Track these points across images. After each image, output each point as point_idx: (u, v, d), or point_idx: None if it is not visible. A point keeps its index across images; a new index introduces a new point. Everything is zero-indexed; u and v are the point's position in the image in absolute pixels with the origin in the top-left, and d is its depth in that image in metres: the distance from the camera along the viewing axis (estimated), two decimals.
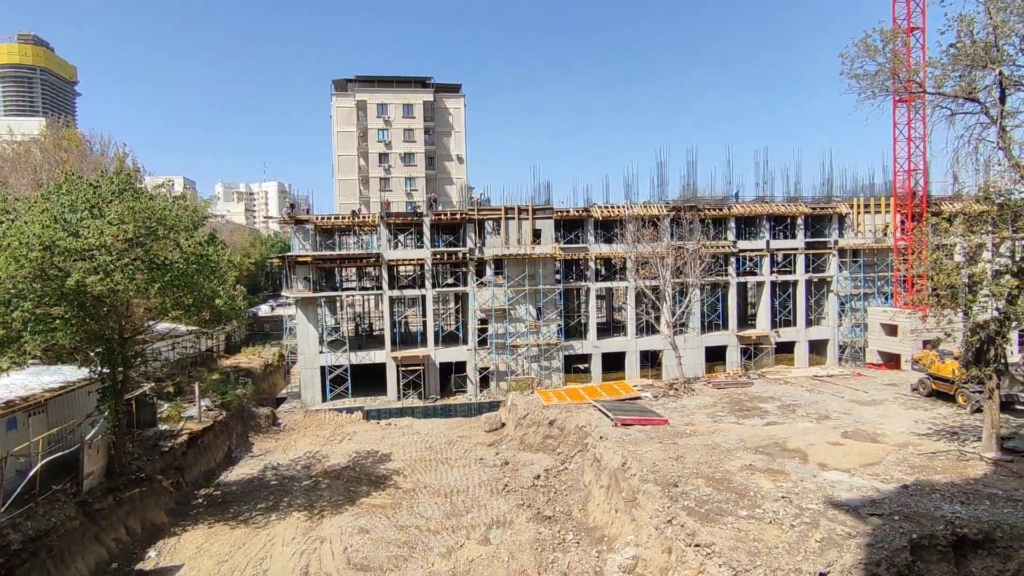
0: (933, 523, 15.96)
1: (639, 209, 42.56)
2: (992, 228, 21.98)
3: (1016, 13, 19.31)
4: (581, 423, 29.43)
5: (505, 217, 41.36)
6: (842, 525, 16.19)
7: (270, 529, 22.35)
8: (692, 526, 16.73)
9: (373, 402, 40.37)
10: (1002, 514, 16.45)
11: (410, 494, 25.73)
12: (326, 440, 34.25)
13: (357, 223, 42.73)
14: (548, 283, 41.93)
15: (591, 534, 21.01)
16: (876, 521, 16.25)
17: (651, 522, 18.21)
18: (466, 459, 30.36)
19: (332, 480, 27.62)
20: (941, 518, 16.21)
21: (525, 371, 41.74)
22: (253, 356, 49.57)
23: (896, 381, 35.90)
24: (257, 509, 24.32)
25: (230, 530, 22.29)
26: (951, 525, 15.85)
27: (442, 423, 37.24)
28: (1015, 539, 15.48)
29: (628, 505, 20.18)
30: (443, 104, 75.49)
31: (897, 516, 16.48)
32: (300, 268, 40.45)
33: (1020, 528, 15.71)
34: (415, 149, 73.22)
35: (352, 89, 72.68)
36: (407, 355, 40.67)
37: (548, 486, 25.87)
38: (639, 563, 17.69)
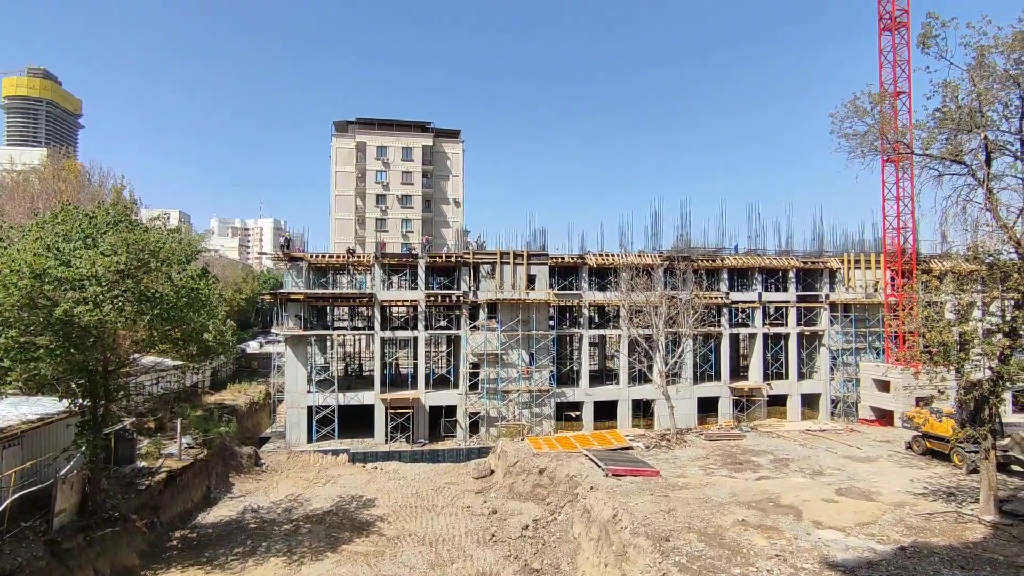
0: None
1: (633, 258, 42.91)
2: (982, 288, 22.19)
3: (998, 81, 20.07)
4: (572, 472, 28.80)
5: (500, 261, 41.54)
6: None
7: (246, 575, 21.44)
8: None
9: (360, 444, 39.49)
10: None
11: (394, 542, 24.85)
12: (310, 483, 33.29)
13: (352, 262, 42.77)
14: (541, 329, 41.80)
15: None
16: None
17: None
18: (453, 507, 29.51)
19: (314, 525, 26.69)
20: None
21: (516, 417, 41.11)
22: (239, 393, 48.69)
23: (890, 438, 35.56)
24: (234, 554, 23.35)
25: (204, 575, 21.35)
26: None
27: (430, 468, 36.36)
28: None
29: (618, 559, 19.52)
30: (442, 148, 76.95)
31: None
32: (292, 305, 40.21)
33: None
34: (412, 191, 74.16)
35: (352, 130, 74.11)
36: (396, 397, 40.05)
37: (536, 537, 25.09)
38: None
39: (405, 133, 74.70)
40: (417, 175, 74.52)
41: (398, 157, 73.96)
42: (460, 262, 41.66)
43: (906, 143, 25.84)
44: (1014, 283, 20.27)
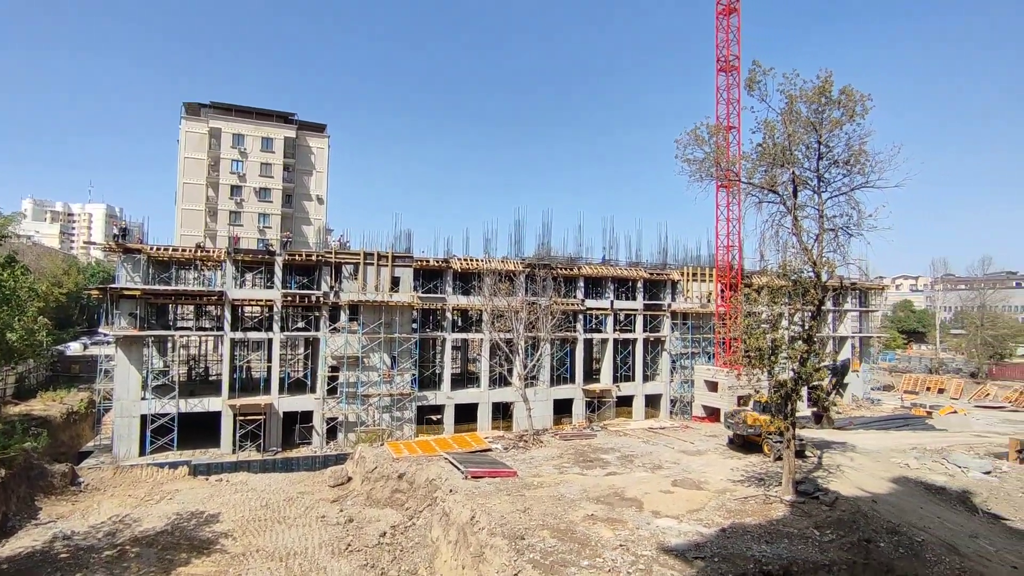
0: (745, 562, 17.80)
1: (497, 264, 44.10)
2: (788, 301, 25.89)
3: (803, 126, 23.63)
4: (431, 476, 28.91)
5: (364, 262, 40.56)
6: (671, 570, 17.44)
7: None
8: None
9: (203, 455, 36.32)
10: (796, 550, 18.84)
11: (239, 559, 23.24)
12: (140, 501, 29.98)
13: (200, 257, 39.20)
14: (404, 332, 41.44)
15: None
16: (700, 564, 17.74)
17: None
18: (307, 517, 28.23)
19: (143, 548, 24.09)
20: (751, 557, 18.14)
21: (376, 422, 40.33)
22: (52, 402, 42.51)
23: (717, 433, 39.98)
24: None
25: None
26: (759, 563, 17.79)
27: (282, 478, 34.41)
28: (807, 572, 17.76)
29: (475, 560, 20.01)
30: (306, 142, 73.34)
31: (717, 558, 18.14)
32: (125, 302, 36.02)
33: (811, 562, 18.08)
34: (272, 185, 69.76)
35: (206, 114, 68.10)
36: (247, 403, 37.43)
37: (395, 544, 24.87)
38: None
39: (266, 122, 70.09)
40: (278, 168, 70.19)
41: (257, 147, 69.15)
42: (322, 261, 40.03)
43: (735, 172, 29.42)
44: (811, 297, 23.96)
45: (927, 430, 45.47)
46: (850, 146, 23.29)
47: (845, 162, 23.61)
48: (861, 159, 23.11)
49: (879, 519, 21.63)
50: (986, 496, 27.91)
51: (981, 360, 76.79)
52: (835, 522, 21.50)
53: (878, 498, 24.87)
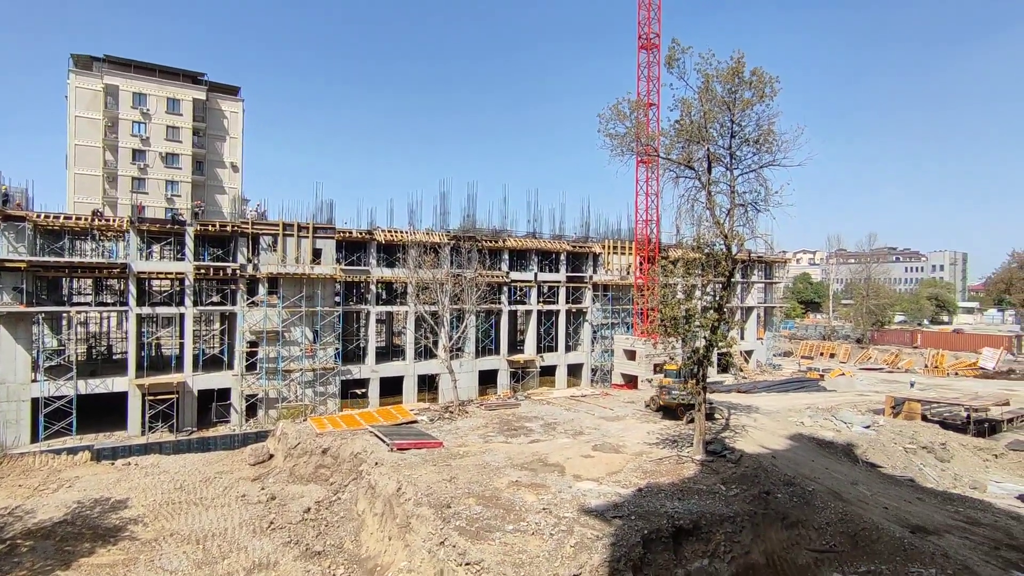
0: (659, 519, 19.04)
1: (422, 236, 43.62)
2: (701, 272, 27.37)
3: (718, 105, 24.72)
4: (356, 450, 28.70)
5: (283, 233, 38.95)
6: (591, 529, 18.39)
7: None
8: (463, 545, 17.46)
9: (107, 439, 34.19)
10: (705, 505, 20.35)
11: (151, 545, 22.28)
12: (34, 491, 27.90)
13: (98, 226, 36.17)
14: (327, 305, 40.39)
15: (363, 565, 20.55)
16: (618, 522, 18.80)
17: (424, 546, 18.51)
18: (225, 497, 27.36)
19: (38, 541, 22.53)
20: (665, 514, 19.42)
21: (299, 397, 39.34)
22: None
23: (635, 399, 41.96)
24: None
25: None
26: (671, 519, 19.08)
27: (198, 458, 33.01)
28: (714, 524, 19.26)
29: (402, 531, 20.24)
30: (218, 105, 68.53)
31: (633, 516, 19.28)
32: (8, 275, 32.84)
33: (717, 515, 19.60)
34: (180, 150, 64.86)
35: (99, 69, 61.93)
36: (156, 382, 35.40)
37: (319, 519, 24.62)
38: None
39: (172, 81, 64.63)
40: (187, 132, 65.19)
41: (162, 108, 63.80)
42: (238, 232, 38.07)
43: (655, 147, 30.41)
44: (722, 269, 25.44)
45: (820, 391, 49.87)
46: (760, 126, 24.64)
47: (755, 141, 24.96)
48: (769, 138, 24.51)
49: (777, 473, 23.65)
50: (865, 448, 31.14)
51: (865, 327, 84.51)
52: (739, 478, 23.32)
53: (777, 454, 27.15)
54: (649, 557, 17.60)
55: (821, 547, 19.36)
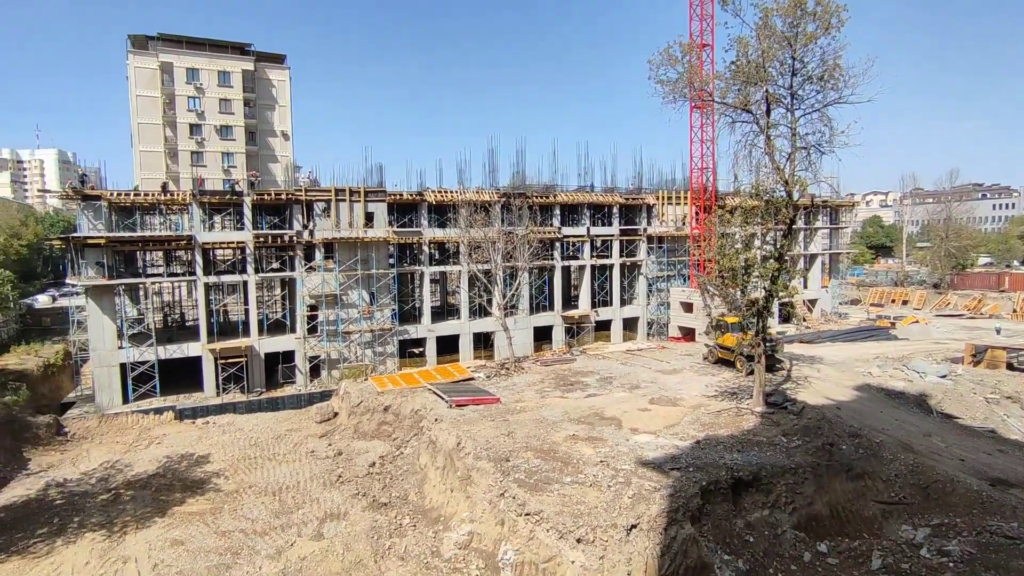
0: (718, 470, 18.90)
1: (472, 195, 43.49)
2: (761, 220, 26.21)
3: (777, 42, 23.08)
4: (416, 407, 29.65)
5: (336, 199, 39.69)
6: (649, 481, 18.46)
7: (55, 556, 19.34)
8: (522, 497, 17.90)
9: (187, 400, 36.60)
10: (765, 457, 20.02)
11: (233, 496, 23.95)
12: (129, 447, 30.37)
13: (164, 201, 37.90)
14: (381, 267, 41.22)
15: (428, 516, 21.44)
16: (676, 474, 18.79)
17: (484, 497, 19.12)
18: (296, 453, 28.97)
19: (137, 491, 24.64)
20: (723, 465, 19.25)
21: (358, 358, 40.76)
22: (27, 356, 41.97)
23: (692, 352, 41.32)
24: (36, 536, 20.84)
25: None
26: (730, 470, 18.91)
27: (269, 417, 35.00)
28: (774, 476, 18.97)
29: (463, 483, 20.92)
30: (266, 75, 69.62)
31: (691, 468, 19.21)
32: (91, 252, 35.01)
33: (778, 466, 19.27)
34: (233, 122, 66.56)
35: (154, 48, 63.75)
36: (227, 346, 37.41)
37: (384, 473, 25.76)
38: (474, 538, 18.51)
39: (221, 55, 65.89)
40: (238, 103, 66.72)
41: (214, 82, 65.37)
42: (292, 200, 39.05)
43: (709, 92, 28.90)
44: (783, 216, 24.26)
45: (890, 340, 47.60)
46: (824, 61, 22.90)
47: (819, 78, 23.27)
48: (835, 74, 22.80)
49: (842, 424, 22.94)
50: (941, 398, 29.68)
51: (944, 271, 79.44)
52: (801, 429, 22.77)
53: (842, 405, 26.28)
54: (708, 508, 17.57)
55: (889, 499, 18.80)
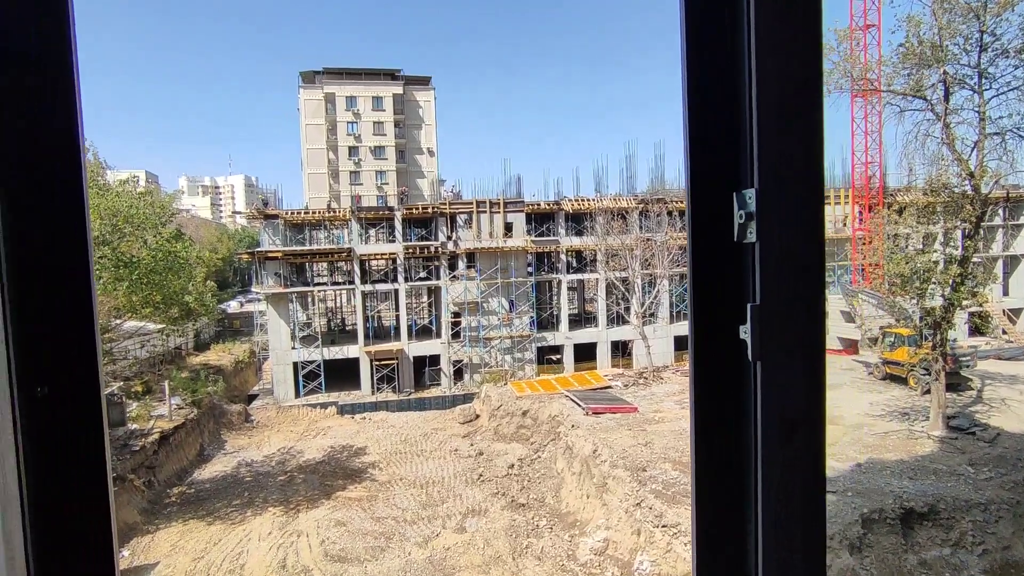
0: (883, 497, 16.96)
1: (609, 202, 43.28)
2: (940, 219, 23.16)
3: (960, 14, 20.35)
4: (553, 412, 30.06)
5: (477, 211, 41.67)
6: None
7: (246, 525, 22.44)
8: (659, 508, 17.46)
9: (347, 397, 40.43)
10: (946, 487, 17.57)
11: (386, 486, 26.03)
12: (300, 436, 34.25)
13: (328, 218, 42.54)
14: (520, 276, 42.44)
15: (564, 519, 21.66)
16: (832, 498, 17.17)
17: (621, 506, 18.92)
18: (441, 451, 30.75)
19: (307, 475, 27.73)
20: (890, 493, 17.22)
21: (499, 363, 42.24)
22: (223, 353, 49.01)
23: (854, 366, 37.36)
24: (232, 506, 24.33)
25: (205, 527, 22.30)
26: (899, 499, 16.86)
27: (417, 416, 37.54)
28: (957, 510, 16.59)
29: (599, 490, 20.87)
30: (413, 97, 75.10)
31: (850, 492, 17.44)
32: (270, 264, 40.15)
33: (962, 499, 16.83)
34: (385, 142, 72.70)
35: (320, 81, 71.75)
36: (380, 349, 40.79)
37: (522, 475, 26.45)
38: (610, 545, 18.38)
39: (375, 82, 72.50)
40: (389, 125, 72.84)
41: (368, 107, 72.04)
42: (437, 213, 41.72)
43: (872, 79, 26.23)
44: (967, 214, 21.25)
45: None
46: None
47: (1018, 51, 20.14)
48: None
49: None
50: None
51: None
52: (995, 459, 19.66)
53: None
54: (870, 538, 15.82)
55: None
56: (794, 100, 1.23)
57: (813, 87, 1.23)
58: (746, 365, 1.31)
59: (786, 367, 1.27)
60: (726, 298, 1.32)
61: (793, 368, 1.27)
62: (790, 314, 1.26)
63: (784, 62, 1.22)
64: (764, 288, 1.25)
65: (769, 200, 1.22)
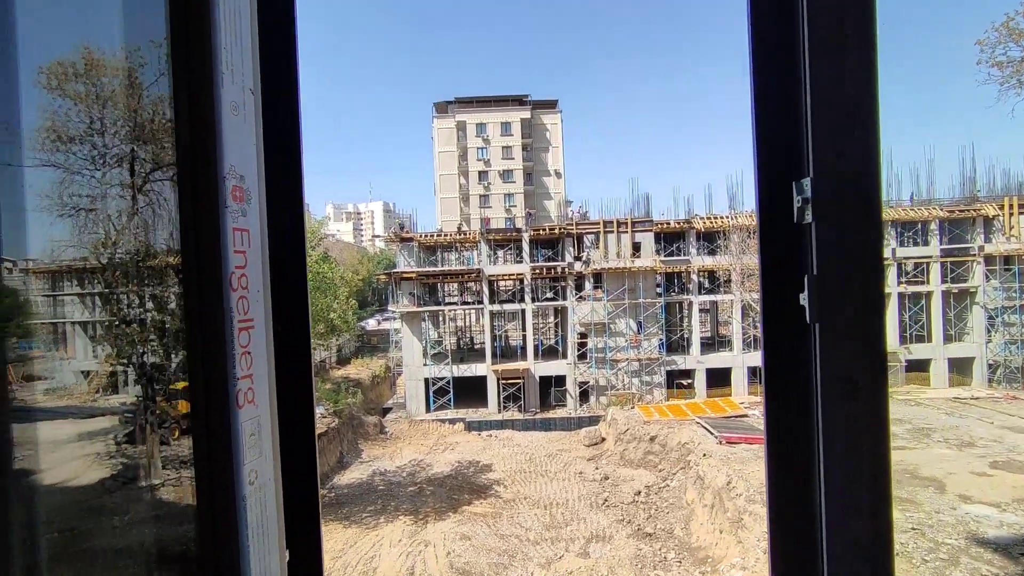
0: None
1: (744, 219, 40.50)
2: None
3: None
4: (684, 439, 28.26)
5: (604, 231, 41.02)
6: (988, 565, 14.23)
7: (379, 530, 23.41)
8: None
9: (474, 414, 41.25)
10: None
11: (510, 504, 25.92)
12: (430, 449, 35.41)
13: (458, 240, 44.23)
14: (649, 297, 40.93)
15: (694, 554, 20.03)
16: None
17: (759, 545, 17.07)
18: (565, 472, 30.12)
19: (436, 487, 28.46)
20: None
21: (626, 386, 40.83)
22: (362, 367, 52.47)
23: None
24: (367, 511, 25.56)
25: (343, 529, 23.60)
26: None
27: (542, 436, 37.27)
28: None
29: (733, 526, 19.05)
30: (540, 120, 76.52)
31: None
32: (405, 284, 42.44)
33: None
34: (513, 166, 74.61)
35: (452, 110, 75.64)
36: (507, 368, 41.24)
37: (649, 503, 25.04)
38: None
39: (503, 108, 74.95)
40: (517, 149, 74.72)
41: (497, 133, 74.54)
42: (564, 233, 41.70)
43: None
44: None
45: None
46: None
47: None
48: None
49: None
50: None
51: None
52: None
53: None
54: None
55: None
56: (847, 105, 1.40)
57: (868, 95, 1.39)
58: (805, 327, 1.47)
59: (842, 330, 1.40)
60: (789, 271, 1.50)
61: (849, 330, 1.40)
62: (846, 284, 1.40)
63: (836, 78, 1.40)
64: (820, 262, 1.41)
65: (822, 187, 1.40)
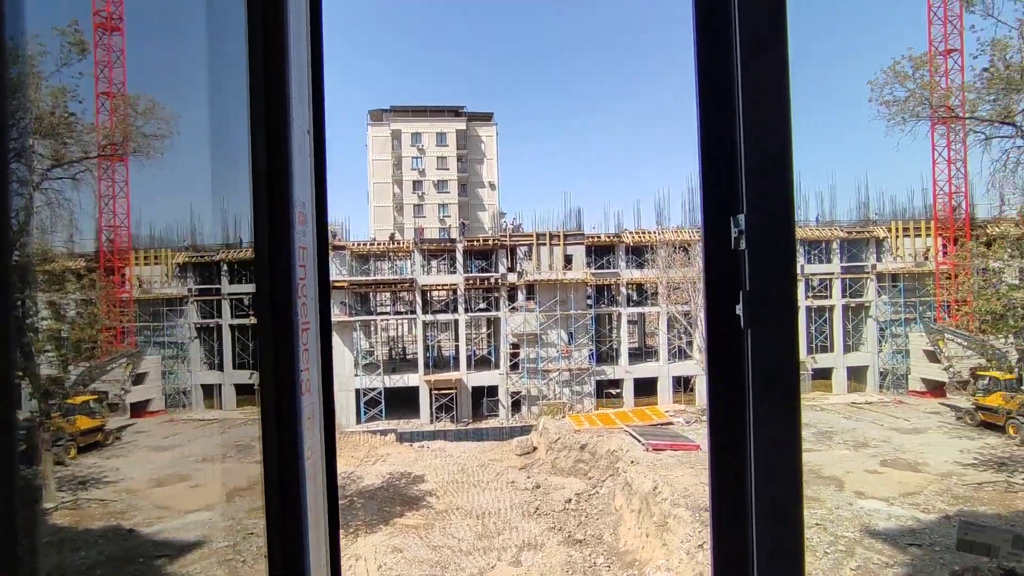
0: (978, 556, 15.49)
1: (670, 235, 42.67)
2: None
3: None
4: (612, 447, 29.37)
5: (537, 243, 41.99)
6: (878, 554, 15.86)
7: None
8: None
9: (406, 425, 40.95)
10: None
11: (443, 515, 25.99)
12: (361, 461, 34.82)
13: (392, 249, 43.93)
14: (580, 308, 42.19)
15: (622, 558, 20.93)
16: (916, 551, 15.87)
17: (682, 547, 18.12)
18: (498, 482, 30.50)
19: (366, 500, 28.07)
20: None
21: (557, 396, 41.82)
22: None
23: (939, 410, 34.71)
24: None
25: None
26: None
27: (474, 446, 37.50)
28: None
29: (659, 529, 20.09)
30: (475, 132, 77.14)
31: (938, 547, 16.04)
32: (337, 293, 41.66)
33: None
34: (448, 176, 74.75)
35: (387, 119, 74.96)
36: (440, 379, 41.26)
37: (579, 510, 25.84)
38: None
39: (439, 118, 75.04)
40: (452, 160, 74.94)
41: (433, 143, 74.52)
42: (497, 245, 42.32)
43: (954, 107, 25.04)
44: None
45: None
46: None
47: None
48: None
49: None
50: None
51: None
52: None
53: None
54: None
55: None
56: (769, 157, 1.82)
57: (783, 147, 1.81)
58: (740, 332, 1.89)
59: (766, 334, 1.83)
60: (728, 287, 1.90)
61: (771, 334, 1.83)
62: (769, 297, 1.82)
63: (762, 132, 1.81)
64: (750, 280, 1.82)
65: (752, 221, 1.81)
